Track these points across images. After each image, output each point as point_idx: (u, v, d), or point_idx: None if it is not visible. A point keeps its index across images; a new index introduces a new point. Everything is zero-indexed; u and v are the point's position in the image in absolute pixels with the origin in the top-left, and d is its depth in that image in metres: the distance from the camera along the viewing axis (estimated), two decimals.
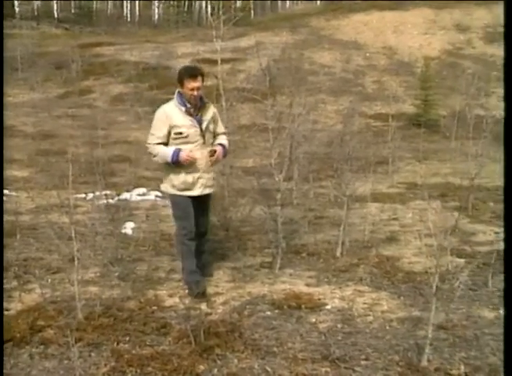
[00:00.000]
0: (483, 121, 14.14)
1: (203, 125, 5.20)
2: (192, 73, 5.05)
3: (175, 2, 50.01)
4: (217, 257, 6.26)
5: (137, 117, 20.85)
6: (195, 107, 5.15)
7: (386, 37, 30.41)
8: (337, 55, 27.82)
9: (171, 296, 5.17)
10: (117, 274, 5.70)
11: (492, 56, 28.02)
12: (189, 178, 5.21)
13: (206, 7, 50.38)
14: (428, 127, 18.33)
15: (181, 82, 5.05)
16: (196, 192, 5.29)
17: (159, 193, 10.19)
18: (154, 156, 5.21)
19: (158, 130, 5.12)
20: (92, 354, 4.09)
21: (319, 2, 49.24)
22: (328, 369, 3.82)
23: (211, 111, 5.29)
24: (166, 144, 5.15)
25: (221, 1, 21.08)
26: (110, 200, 8.40)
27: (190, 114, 5.12)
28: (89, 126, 15.55)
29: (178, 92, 5.13)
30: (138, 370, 3.82)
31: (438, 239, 4.45)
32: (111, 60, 28.04)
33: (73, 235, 4.69)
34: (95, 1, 50.58)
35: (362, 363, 3.93)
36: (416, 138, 15.59)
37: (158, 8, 52.58)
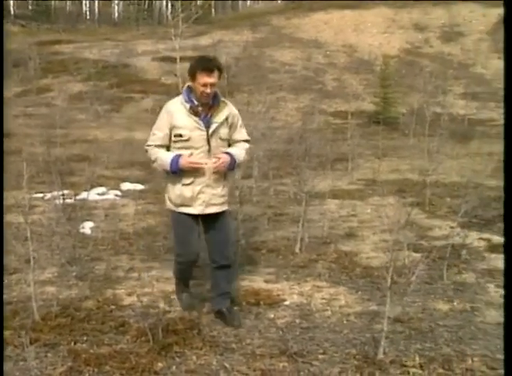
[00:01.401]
0: (440, 119, 14.44)
1: (211, 128, 4.33)
2: (206, 66, 4.23)
3: (135, 0, 49.57)
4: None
5: (96, 116, 20.68)
6: (204, 106, 4.32)
7: (346, 35, 30.72)
8: (297, 53, 27.98)
9: (129, 295, 5.14)
10: (74, 274, 5.64)
11: (448, 54, 28.60)
12: (187, 191, 4.38)
13: (166, 5, 50.08)
14: (387, 124, 18.58)
15: (192, 76, 4.26)
16: (196, 210, 4.42)
17: (118, 192, 10.12)
18: (153, 161, 4.43)
19: (159, 129, 4.36)
20: (49, 354, 4.04)
21: (279, 1, 49.40)
22: (286, 364, 3.85)
23: (226, 113, 4.40)
24: (168, 148, 4.40)
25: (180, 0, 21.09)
26: (68, 200, 8.29)
27: (196, 114, 4.31)
28: (47, 125, 15.33)
29: (188, 86, 4.36)
30: (96, 370, 3.79)
31: (394, 234, 4.53)
32: (70, 58, 27.69)
33: (28, 235, 4.63)
34: None
35: (320, 357, 3.98)
36: (375, 135, 15.77)
37: (118, 5, 52.10)
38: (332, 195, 8.97)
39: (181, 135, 4.29)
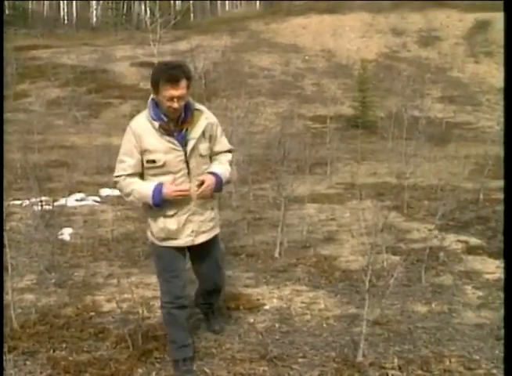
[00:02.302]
0: (418, 122, 14.59)
1: (189, 146, 3.59)
2: (171, 75, 3.42)
3: (114, 4, 49.36)
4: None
5: (75, 121, 20.58)
6: (176, 121, 3.57)
7: (324, 40, 30.87)
8: (276, 58, 28.07)
9: (108, 301, 5.12)
10: (53, 281, 5.61)
11: (426, 58, 28.87)
12: (172, 223, 3.67)
13: (145, 10, 49.95)
14: (366, 128, 18.71)
15: (155, 88, 3.48)
16: (183, 241, 3.74)
17: (97, 198, 10.08)
18: (127, 194, 3.64)
19: (128, 155, 3.58)
20: (28, 362, 4.02)
21: (258, 4, 49.50)
22: (266, 368, 3.86)
23: (203, 124, 3.66)
24: (141, 175, 3.67)
25: (158, 4, 21.05)
26: (47, 206, 8.25)
27: (168, 132, 3.56)
28: (25, 131, 15.20)
29: (152, 99, 3.59)
30: None
31: (372, 237, 4.57)
32: (48, 63, 27.48)
33: (6, 242, 4.60)
34: (30, 2, 49.44)
35: (300, 360, 3.99)
36: (354, 139, 15.89)
37: (96, 10, 51.85)
38: (311, 199, 9.01)
39: (154, 161, 3.55)
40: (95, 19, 51.58)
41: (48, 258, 5.99)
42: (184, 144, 3.59)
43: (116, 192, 10.98)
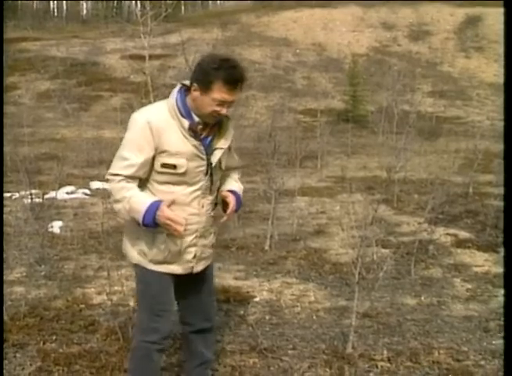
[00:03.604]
0: (408, 116, 14.63)
1: (215, 157, 2.99)
2: (232, 77, 2.79)
3: None
4: None
5: (65, 114, 20.46)
6: (205, 125, 2.95)
7: (315, 34, 30.84)
8: (267, 51, 28.02)
9: (99, 294, 5.12)
10: (43, 273, 5.60)
11: (416, 53, 28.92)
12: (175, 244, 2.98)
13: (135, 3, 49.75)
14: (356, 122, 18.75)
15: (206, 85, 2.81)
16: (182, 268, 3.07)
17: (87, 191, 10.06)
18: (117, 200, 2.89)
19: (136, 152, 2.86)
20: (17, 355, 4.01)
21: None
22: (256, 360, 3.88)
23: (231, 132, 3.08)
24: (141, 182, 2.96)
25: None
26: (37, 199, 8.22)
27: (196, 135, 2.92)
28: (14, 124, 15.12)
29: (183, 90, 2.95)
30: (66, 369, 3.77)
31: (362, 230, 4.59)
32: (37, 56, 27.32)
33: None
34: None
35: (290, 352, 4.02)
36: (344, 133, 15.91)
37: (86, 3, 51.60)
38: (301, 192, 9.03)
39: (174, 166, 2.88)
40: (85, 11, 51.34)
41: (38, 251, 5.97)
42: (209, 152, 2.96)
43: (107, 185, 10.99)
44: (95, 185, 10.79)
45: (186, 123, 2.88)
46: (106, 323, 4.44)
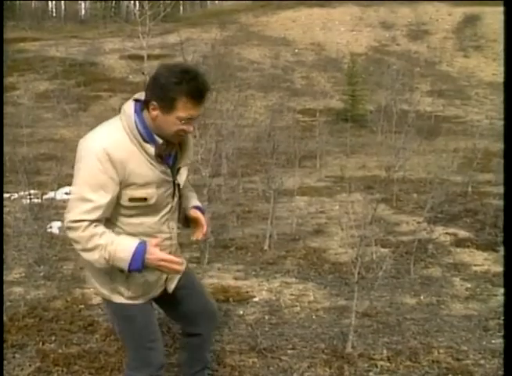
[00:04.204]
0: (407, 116, 14.64)
1: (181, 177, 2.72)
2: (197, 90, 2.44)
3: None
4: None
5: (63, 115, 20.43)
6: (167, 144, 2.59)
7: (314, 33, 30.82)
8: (265, 51, 27.99)
9: (98, 294, 5.10)
10: (42, 274, 5.60)
11: (415, 52, 28.90)
12: (152, 274, 2.71)
13: (134, 3, 49.71)
14: (355, 121, 18.71)
15: (167, 103, 2.44)
16: (157, 292, 2.83)
17: None
18: (89, 249, 2.48)
19: (98, 192, 2.46)
20: (17, 355, 4.01)
21: None
22: (255, 359, 3.88)
23: (192, 147, 2.77)
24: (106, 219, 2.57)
25: None
26: (36, 200, 8.22)
27: (162, 160, 2.60)
28: (13, 124, 15.11)
29: (138, 108, 2.54)
30: (65, 369, 3.77)
31: (361, 230, 4.59)
32: (36, 56, 27.30)
33: None
34: None
35: (289, 352, 4.01)
36: (343, 132, 15.89)
37: (85, 3, 51.54)
38: (300, 192, 9.02)
39: (145, 199, 2.57)
40: (83, 11, 51.31)
41: (37, 251, 5.96)
42: (175, 173, 2.68)
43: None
44: None
45: (152, 149, 2.51)
46: (105, 324, 4.43)
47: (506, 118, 3.01)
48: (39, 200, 8.38)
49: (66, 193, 10.06)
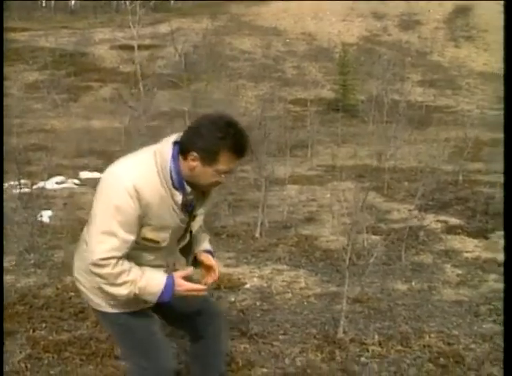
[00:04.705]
0: (398, 106, 14.68)
1: (196, 224, 2.66)
2: (242, 146, 2.42)
3: None
4: None
5: (54, 105, 20.36)
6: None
7: (305, 23, 30.79)
8: (257, 41, 27.96)
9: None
10: (32, 262, 5.56)
11: (406, 42, 28.93)
12: None
13: None
14: (346, 111, 18.73)
15: (210, 156, 2.39)
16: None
17: (77, 181, 10.02)
18: (115, 284, 2.43)
19: (125, 227, 2.39)
20: (7, 342, 3.98)
21: None
22: (247, 345, 3.87)
23: (212, 195, 2.71)
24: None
25: None
26: (26, 189, 8.17)
27: (186, 209, 2.55)
28: (3, 115, 15.00)
29: (176, 154, 2.43)
30: (56, 356, 3.75)
31: (353, 217, 4.58)
32: (26, 47, 27.15)
33: None
34: None
35: (281, 337, 4.00)
36: (334, 122, 15.91)
37: None
38: (292, 181, 9.03)
39: (157, 242, 2.52)
40: (73, 1, 50.87)
41: (28, 240, 5.93)
42: (191, 220, 2.62)
43: (96, 174, 10.95)
44: (85, 175, 10.77)
45: (179, 197, 2.47)
46: None
47: (506, 108, 3.01)
48: (29, 190, 8.33)
49: (57, 183, 10.05)
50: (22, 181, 8.28)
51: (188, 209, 2.56)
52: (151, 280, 2.47)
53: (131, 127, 11.28)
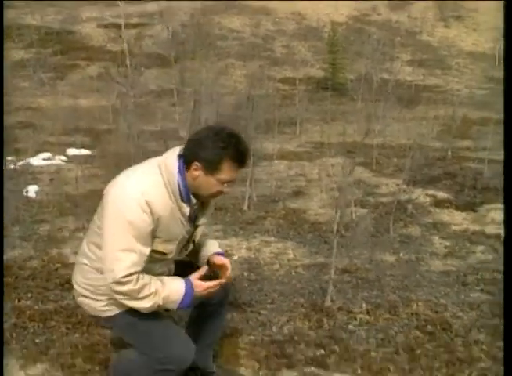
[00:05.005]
0: (387, 84, 14.62)
1: (197, 234, 2.73)
2: (242, 155, 2.49)
3: None
4: None
5: (40, 84, 20.15)
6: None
7: (294, 2, 30.55)
8: (246, 20, 27.76)
9: (75, 254, 5.00)
10: (18, 235, 5.51)
11: (396, 22, 28.81)
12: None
13: None
14: (336, 90, 18.68)
15: (212, 165, 2.44)
16: None
17: (64, 158, 9.93)
18: (137, 298, 2.47)
19: (141, 240, 2.43)
20: None
21: None
22: (234, 314, 3.84)
23: (213, 205, 2.80)
24: None
25: None
26: (12, 166, 8.11)
27: (190, 218, 2.60)
28: None
29: (182, 167, 2.49)
30: (41, 325, 3.71)
31: (341, 190, 4.56)
32: (11, 25, 26.71)
33: None
34: None
35: (268, 306, 3.98)
36: (324, 100, 15.85)
37: None
38: (280, 156, 9.00)
39: (163, 254, 2.58)
40: None
41: (13, 213, 5.87)
42: (193, 230, 2.68)
43: (83, 151, 10.86)
44: (72, 152, 10.66)
45: (187, 209, 2.52)
46: None
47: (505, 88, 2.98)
48: (15, 166, 8.27)
49: (44, 159, 9.95)
50: (8, 158, 8.22)
51: (193, 220, 2.61)
52: (173, 289, 2.52)
53: (119, 104, 11.18)
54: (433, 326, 3.67)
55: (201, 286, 2.58)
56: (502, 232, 5.59)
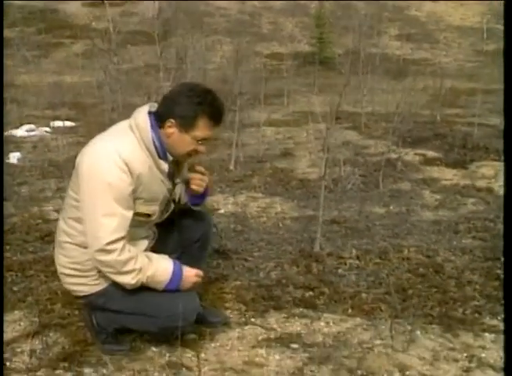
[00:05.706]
0: (375, 58, 14.50)
1: (176, 193, 2.67)
2: (218, 112, 2.44)
3: None
4: None
5: (24, 61, 19.82)
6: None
7: None
8: None
9: (57, 211, 4.88)
10: None
11: None
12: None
13: None
14: (323, 64, 18.48)
15: (187, 122, 2.39)
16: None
17: (48, 129, 9.75)
18: (121, 272, 2.40)
19: (121, 202, 2.35)
20: None
21: None
22: (220, 260, 3.73)
23: (186, 163, 2.67)
24: None
25: None
26: None
27: (170, 178, 2.56)
28: None
29: (154, 123, 2.44)
30: (20, 274, 3.59)
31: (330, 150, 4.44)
32: None
33: None
34: None
35: (255, 254, 3.87)
36: (311, 74, 15.66)
37: None
38: (268, 123, 8.84)
39: (148, 216, 2.52)
40: None
41: None
42: (173, 189, 2.62)
43: (68, 123, 10.66)
44: (56, 124, 10.46)
45: (165, 166, 2.46)
46: None
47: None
48: None
49: (27, 131, 9.76)
50: None
51: (171, 178, 2.56)
52: (160, 269, 2.46)
53: (104, 80, 11.00)
54: (425, 268, 3.58)
55: (191, 272, 2.53)
56: (493, 186, 5.52)
